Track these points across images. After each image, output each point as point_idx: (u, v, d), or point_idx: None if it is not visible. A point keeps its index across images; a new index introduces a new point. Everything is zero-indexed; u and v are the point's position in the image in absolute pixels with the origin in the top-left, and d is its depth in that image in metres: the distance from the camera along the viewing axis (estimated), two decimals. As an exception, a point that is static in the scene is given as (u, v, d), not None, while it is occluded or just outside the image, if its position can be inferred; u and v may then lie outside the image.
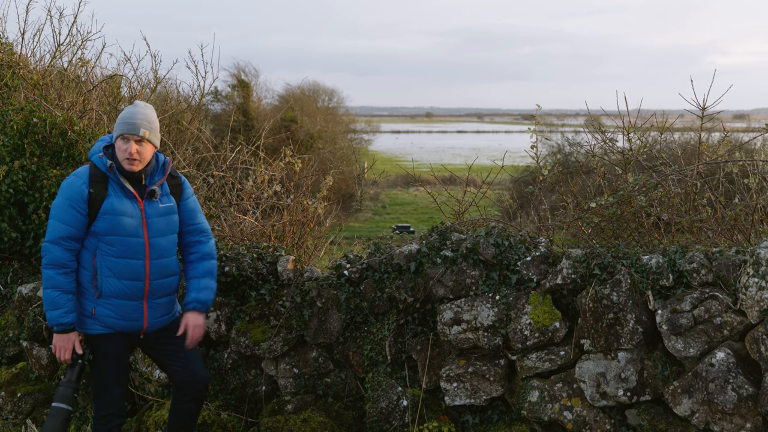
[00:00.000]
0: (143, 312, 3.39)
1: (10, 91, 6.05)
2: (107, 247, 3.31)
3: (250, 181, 5.27)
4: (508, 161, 5.45)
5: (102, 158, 3.35)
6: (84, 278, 3.32)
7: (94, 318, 3.32)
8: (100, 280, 3.30)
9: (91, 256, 3.31)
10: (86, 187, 3.28)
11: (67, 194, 3.27)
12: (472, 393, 3.78)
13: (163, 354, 3.53)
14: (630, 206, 4.16)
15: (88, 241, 3.31)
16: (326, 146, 21.40)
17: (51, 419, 3.28)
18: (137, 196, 3.37)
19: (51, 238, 3.25)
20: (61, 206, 3.27)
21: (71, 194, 3.27)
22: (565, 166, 14.20)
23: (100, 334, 3.34)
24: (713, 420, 3.28)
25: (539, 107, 5.04)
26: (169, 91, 8.66)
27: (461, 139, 74.36)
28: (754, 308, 3.25)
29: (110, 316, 3.33)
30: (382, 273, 4.00)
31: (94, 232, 3.30)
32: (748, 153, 10.14)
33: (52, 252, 3.24)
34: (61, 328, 3.24)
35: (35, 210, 4.89)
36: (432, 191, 5.32)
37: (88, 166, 3.36)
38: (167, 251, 3.45)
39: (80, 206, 3.26)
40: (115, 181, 3.35)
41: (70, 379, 3.32)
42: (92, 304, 3.32)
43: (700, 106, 4.44)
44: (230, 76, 21.30)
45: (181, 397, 3.55)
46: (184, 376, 3.51)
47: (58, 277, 3.23)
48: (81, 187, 3.28)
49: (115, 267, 3.31)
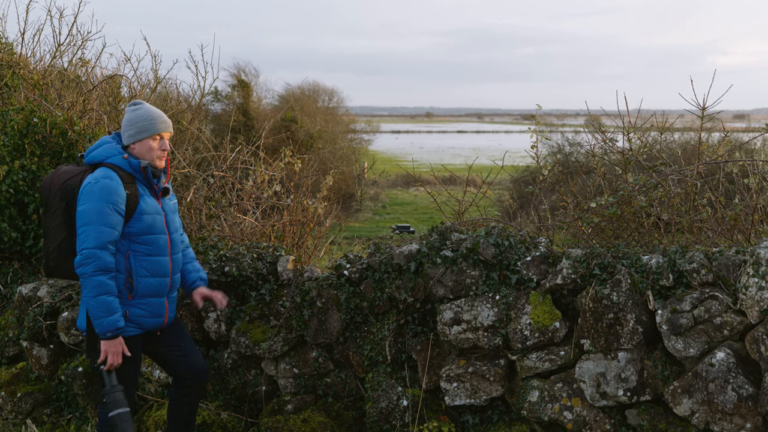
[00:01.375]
0: (166, 307, 3.45)
1: (11, 91, 6.05)
2: (141, 247, 3.32)
3: (250, 181, 5.27)
4: (508, 161, 5.45)
5: (128, 159, 3.33)
6: (118, 282, 3.28)
7: (128, 320, 3.31)
8: (135, 281, 3.30)
9: (123, 258, 3.29)
10: (123, 189, 3.25)
11: (106, 198, 3.19)
12: (472, 393, 3.78)
13: (167, 347, 3.55)
14: (630, 206, 4.16)
15: (120, 243, 3.28)
16: (326, 146, 21.40)
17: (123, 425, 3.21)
18: (156, 194, 3.43)
19: (98, 243, 3.15)
20: (102, 210, 3.18)
21: (111, 197, 3.20)
22: (565, 166, 14.21)
23: (131, 335, 3.33)
24: (713, 420, 3.28)
25: (539, 107, 5.04)
26: (169, 91, 8.67)
27: (461, 139, 74.37)
28: (754, 308, 3.25)
29: (144, 315, 3.35)
30: (382, 273, 4.00)
31: (128, 234, 3.29)
32: (748, 153, 10.14)
33: (102, 258, 3.16)
34: (117, 333, 3.20)
35: (35, 210, 4.89)
36: (432, 191, 5.32)
37: (108, 169, 3.28)
38: (179, 247, 3.56)
39: (121, 209, 3.24)
40: (142, 181, 3.37)
41: (113, 384, 3.25)
42: (125, 307, 3.30)
43: (700, 106, 4.44)
44: (230, 76, 21.31)
45: (181, 391, 3.57)
46: (186, 367, 3.54)
47: (109, 282, 3.18)
48: (120, 189, 3.24)
49: (149, 266, 3.34)
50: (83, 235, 3.17)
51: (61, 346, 4.57)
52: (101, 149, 3.38)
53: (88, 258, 3.14)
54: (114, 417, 3.21)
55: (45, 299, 4.54)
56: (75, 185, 3.31)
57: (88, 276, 3.14)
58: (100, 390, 3.28)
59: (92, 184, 3.22)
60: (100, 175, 3.24)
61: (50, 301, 4.53)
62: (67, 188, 3.31)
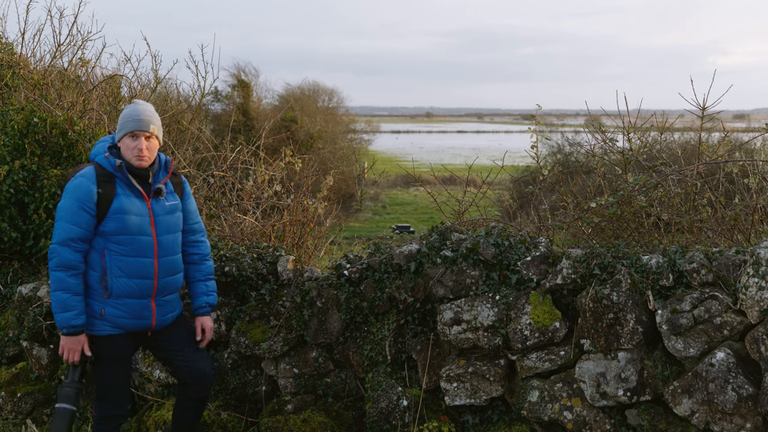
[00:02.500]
0: (152, 310, 3.40)
1: (11, 91, 6.05)
2: (117, 247, 3.30)
3: (251, 181, 5.27)
4: (508, 161, 5.45)
5: (108, 158, 3.34)
6: (92, 279, 3.30)
7: (103, 319, 3.30)
8: (110, 280, 3.29)
9: (99, 256, 3.30)
10: (95, 188, 3.26)
11: (75, 195, 3.24)
12: (472, 393, 3.78)
13: (169, 351, 3.54)
14: (630, 206, 4.16)
15: (96, 241, 3.30)
16: (326, 146, 21.40)
17: (57, 420, 3.26)
18: (144, 194, 3.38)
19: (60, 239, 3.21)
20: (69, 208, 3.24)
21: (80, 195, 3.24)
22: (565, 166, 14.21)
23: (108, 334, 3.33)
24: (713, 420, 3.28)
25: (539, 107, 5.04)
26: (170, 91, 8.67)
27: (461, 139, 74.37)
28: (754, 308, 3.25)
29: (120, 315, 3.32)
30: (382, 273, 4.00)
31: (103, 232, 3.29)
32: (748, 153, 10.14)
33: (62, 254, 3.20)
34: (72, 331, 3.21)
35: (35, 210, 4.89)
36: (432, 191, 5.32)
37: (92, 167, 3.33)
38: (174, 249, 3.48)
39: (90, 207, 3.25)
40: (123, 180, 3.35)
41: (73, 380, 3.30)
42: (101, 305, 3.30)
43: (700, 106, 4.44)
44: (230, 76, 21.32)
45: (185, 394, 3.56)
46: (189, 373, 3.52)
47: (68, 279, 3.21)
48: (90, 187, 3.26)
49: (125, 266, 3.31)
50: (54, 230, 3.26)
51: (61, 346, 4.57)
52: (95, 147, 3.45)
53: (51, 253, 3.23)
54: (57, 409, 3.27)
55: (45, 299, 4.54)
56: None
57: (51, 270, 3.23)
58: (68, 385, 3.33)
59: (71, 182, 3.31)
60: (80, 173, 3.32)
61: (50, 301, 4.53)
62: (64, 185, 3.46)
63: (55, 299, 3.21)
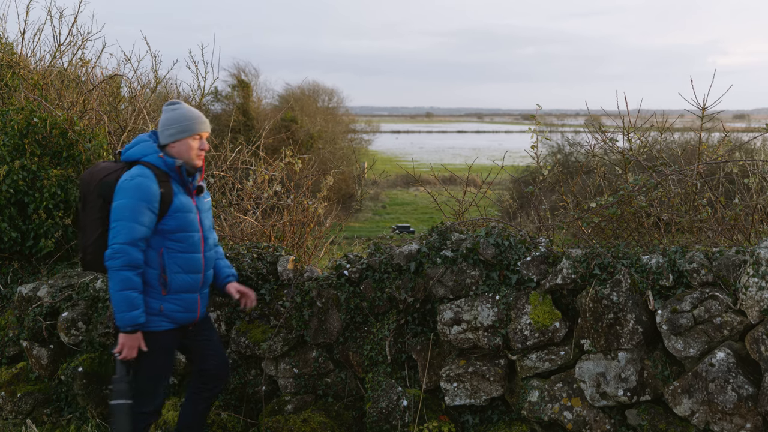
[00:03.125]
0: (198, 303, 3.53)
1: (11, 91, 6.05)
2: (174, 244, 3.40)
3: (250, 181, 5.28)
4: (508, 161, 5.45)
5: (163, 158, 3.40)
6: (151, 277, 3.37)
7: (162, 315, 3.40)
8: (168, 276, 3.39)
9: (157, 254, 3.37)
10: (157, 187, 3.33)
11: (140, 195, 3.28)
12: (472, 393, 3.78)
13: (203, 342, 3.67)
14: (630, 206, 4.16)
15: (153, 239, 3.37)
16: (326, 146, 21.40)
17: (119, 416, 3.34)
18: (191, 192, 3.51)
19: (128, 239, 3.25)
20: (134, 207, 3.27)
21: (146, 195, 3.29)
22: (565, 166, 14.21)
23: (165, 330, 3.42)
24: (713, 420, 3.28)
25: (539, 107, 5.04)
26: (170, 91, 8.67)
27: (461, 139, 74.38)
28: (754, 308, 3.25)
29: (177, 310, 3.43)
30: (382, 273, 4.00)
31: (162, 231, 3.37)
32: (748, 153, 10.14)
33: (130, 253, 3.25)
34: (136, 328, 3.30)
35: (35, 210, 4.89)
36: (432, 191, 5.32)
37: (143, 167, 3.36)
38: (212, 244, 3.65)
39: (155, 207, 3.32)
40: (177, 180, 3.44)
41: (123, 375, 3.37)
42: (160, 302, 3.39)
43: (700, 106, 4.44)
44: (230, 76, 21.32)
45: (204, 384, 3.67)
46: (217, 362, 3.67)
47: (134, 278, 3.27)
48: (153, 187, 3.32)
49: (182, 262, 3.42)
50: (115, 230, 3.26)
51: (61, 346, 4.57)
52: (138, 147, 3.45)
53: (117, 253, 3.24)
54: (113, 406, 3.34)
55: (45, 299, 4.54)
56: (112, 182, 3.38)
57: (116, 270, 3.25)
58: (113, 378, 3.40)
59: (128, 181, 3.31)
60: (136, 173, 3.33)
61: (50, 301, 4.53)
62: (105, 185, 3.39)
63: (123, 298, 3.26)
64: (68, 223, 5.01)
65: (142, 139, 3.49)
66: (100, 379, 4.35)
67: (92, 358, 4.38)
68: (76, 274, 4.77)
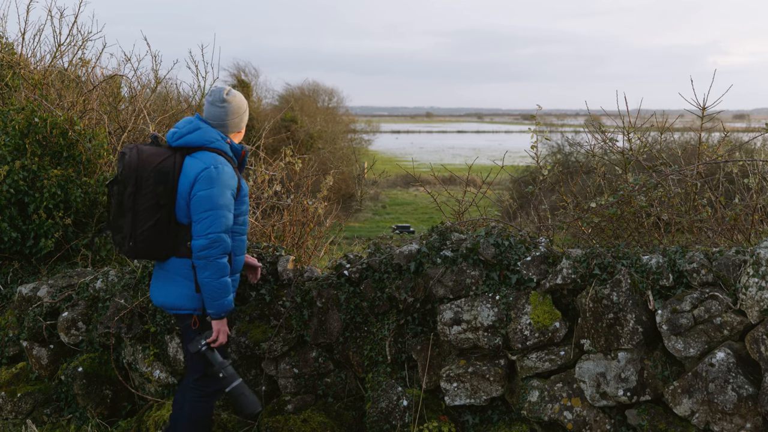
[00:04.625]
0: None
1: (11, 91, 6.06)
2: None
3: (251, 181, 5.28)
4: (508, 161, 5.46)
5: (230, 144, 3.46)
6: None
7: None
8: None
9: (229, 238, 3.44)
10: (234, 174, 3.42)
11: (227, 183, 3.33)
12: (472, 393, 3.79)
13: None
14: (630, 206, 4.16)
15: None
16: (326, 146, 21.41)
17: (241, 397, 3.39)
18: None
19: (224, 228, 3.32)
20: (225, 196, 3.32)
21: (231, 182, 3.36)
22: (565, 166, 14.21)
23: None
24: (713, 420, 3.28)
25: (539, 107, 5.04)
26: (170, 91, 8.68)
27: (461, 139, 74.37)
28: (754, 308, 3.25)
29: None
30: (382, 273, 4.00)
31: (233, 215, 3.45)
32: (748, 153, 10.14)
33: (227, 242, 3.34)
34: (230, 313, 3.43)
35: (35, 210, 4.89)
36: (432, 191, 5.32)
37: (216, 154, 3.35)
38: None
39: (235, 193, 3.41)
40: (235, 167, 3.50)
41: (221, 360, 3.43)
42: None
43: (701, 106, 4.44)
44: (230, 76, 21.35)
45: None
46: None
47: (228, 265, 3.38)
48: (234, 174, 3.40)
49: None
50: (209, 219, 3.27)
51: (61, 346, 4.57)
52: (199, 133, 3.38)
53: (215, 242, 3.28)
54: (231, 391, 3.39)
55: (45, 299, 4.54)
56: (169, 168, 3.31)
57: (214, 259, 3.29)
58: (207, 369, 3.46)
59: (212, 169, 3.29)
60: (218, 161, 3.33)
61: (50, 301, 4.53)
62: (162, 171, 3.30)
63: (220, 285, 3.33)
64: (68, 223, 5.01)
65: (197, 124, 3.41)
66: (100, 379, 4.35)
67: (92, 358, 4.39)
68: (76, 274, 4.77)
